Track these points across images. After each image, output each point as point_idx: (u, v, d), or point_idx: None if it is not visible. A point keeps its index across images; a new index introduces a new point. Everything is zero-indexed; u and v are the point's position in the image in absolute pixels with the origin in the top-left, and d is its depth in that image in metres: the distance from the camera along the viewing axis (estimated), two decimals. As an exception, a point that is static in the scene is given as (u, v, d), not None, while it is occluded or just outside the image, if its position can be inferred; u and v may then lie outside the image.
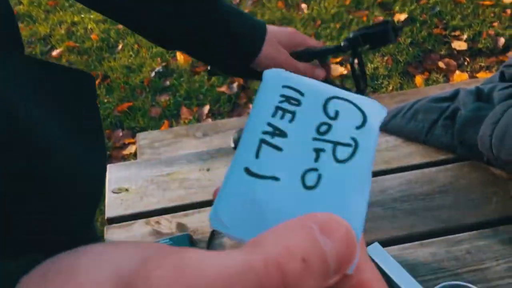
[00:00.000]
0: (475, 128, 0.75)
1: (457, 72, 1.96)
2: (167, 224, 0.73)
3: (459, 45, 2.06)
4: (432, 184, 0.75)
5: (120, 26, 2.30)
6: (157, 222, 0.73)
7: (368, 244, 0.63)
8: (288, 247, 0.17)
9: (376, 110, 0.24)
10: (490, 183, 0.75)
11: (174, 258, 0.17)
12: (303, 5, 2.38)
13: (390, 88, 1.91)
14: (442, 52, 2.04)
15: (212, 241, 0.70)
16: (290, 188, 0.22)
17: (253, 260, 0.17)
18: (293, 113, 0.23)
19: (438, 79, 1.92)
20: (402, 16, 2.19)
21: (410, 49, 2.06)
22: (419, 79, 1.92)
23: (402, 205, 0.73)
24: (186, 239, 0.69)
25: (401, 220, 0.71)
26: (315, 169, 0.22)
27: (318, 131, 0.23)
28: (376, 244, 0.62)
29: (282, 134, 0.23)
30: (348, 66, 2.01)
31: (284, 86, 0.24)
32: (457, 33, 2.12)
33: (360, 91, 0.69)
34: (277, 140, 0.22)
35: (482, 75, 1.88)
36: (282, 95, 0.24)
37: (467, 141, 0.77)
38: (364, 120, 0.23)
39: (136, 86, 2.02)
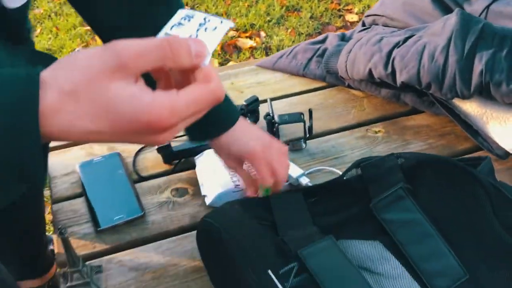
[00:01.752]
0: (336, 59, 0.98)
1: (350, 40, 2.24)
2: (99, 147, 0.89)
3: (351, 17, 2.34)
4: (309, 104, 0.98)
5: (37, 11, 2.36)
6: (91, 147, 0.89)
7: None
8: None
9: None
10: (350, 100, 0.99)
11: None
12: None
13: (294, 56, 2.16)
14: (338, 24, 2.32)
15: (137, 156, 0.87)
16: None
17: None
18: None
19: (334, 47, 2.19)
20: (303, -6, 2.44)
21: (310, 22, 2.32)
22: (318, 47, 2.19)
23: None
24: (116, 157, 0.86)
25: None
26: None
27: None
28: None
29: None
30: (258, 40, 2.21)
31: None
32: (349, 7, 2.41)
33: None
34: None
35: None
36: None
37: (332, 70, 1.00)
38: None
39: (57, 67, 2.10)
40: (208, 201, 0.76)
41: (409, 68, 0.84)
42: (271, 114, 0.87)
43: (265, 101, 0.91)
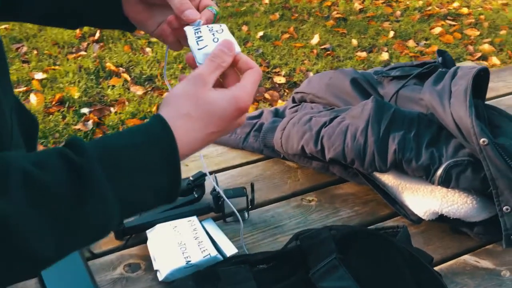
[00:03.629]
0: (272, 135, 1.10)
1: (279, 101, 2.41)
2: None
3: (279, 79, 2.53)
4: (248, 176, 1.07)
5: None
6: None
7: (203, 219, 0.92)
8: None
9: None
10: (286, 171, 1.10)
11: None
12: (148, 49, 2.66)
13: (228, 117, 2.27)
14: (267, 86, 2.49)
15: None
16: None
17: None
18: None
19: (265, 107, 2.34)
20: (233, 57, 2.60)
21: (242, 84, 2.47)
22: (250, 108, 2.33)
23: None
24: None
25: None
26: None
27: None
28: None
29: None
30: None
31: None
32: (277, 70, 2.60)
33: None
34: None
35: (298, 103, 2.35)
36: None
37: (269, 144, 1.11)
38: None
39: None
40: (160, 277, 0.82)
41: (336, 146, 0.96)
42: (216, 189, 0.95)
43: (210, 173, 1.00)
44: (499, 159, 0.84)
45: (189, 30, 0.60)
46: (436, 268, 0.88)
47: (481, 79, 0.98)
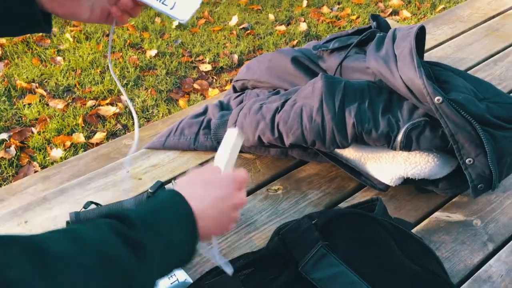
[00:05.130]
0: (224, 129, 1.05)
1: (210, 89, 2.34)
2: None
3: (205, 67, 2.45)
4: (208, 177, 1.02)
5: None
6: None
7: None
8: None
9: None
10: (244, 164, 1.06)
11: None
12: (58, 58, 2.47)
13: (161, 115, 2.17)
14: (194, 76, 2.41)
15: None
16: None
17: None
18: None
19: (196, 98, 2.27)
20: (153, 52, 2.49)
21: (168, 78, 2.37)
22: (182, 102, 2.24)
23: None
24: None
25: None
26: None
27: None
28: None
29: None
30: (121, 105, 2.19)
31: None
32: (200, 57, 2.52)
33: None
34: None
35: (229, 87, 2.30)
36: None
37: (221, 140, 1.06)
38: None
39: None
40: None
41: (294, 130, 0.94)
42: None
43: (169, 181, 0.94)
44: (455, 114, 0.85)
45: None
46: (413, 231, 0.89)
47: (418, 38, 0.98)
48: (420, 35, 1.02)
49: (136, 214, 0.54)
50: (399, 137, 0.90)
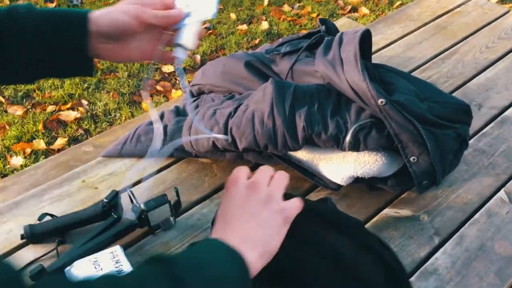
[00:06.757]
0: (180, 135, 1.06)
1: (173, 90, 2.34)
2: None
3: (168, 68, 2.45)
4: (165, 183, 1.04)
5: None
6: None
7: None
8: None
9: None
10: (201, 170, 1.08)
11: None
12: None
13: (124, 118, 2.16)
14: (157, 78, 2.40)
15: None
16: None
17: None
18: None
19: (159, 100, 2.27)
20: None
21: (130, 81, 2.36)
22: (145, 104, 2.24)
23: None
24: None
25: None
26: None
27: None
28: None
29: None
30: (82, 109, 2.17)
31: None
32: (163, 59, 2.52)
33: None
34: None
35: (192, 88, 2.31)
36: None
37: (178, 146, 1.07)
38: None
39: None
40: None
41: (246, 135, 0.96)
42: (137, 205, 0.91)
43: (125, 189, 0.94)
44: (398, 115, 0.89)
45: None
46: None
47: (364, 40, 1.02)
48: (367, 37, 1.05)
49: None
50: (348, 138, 0.93)
